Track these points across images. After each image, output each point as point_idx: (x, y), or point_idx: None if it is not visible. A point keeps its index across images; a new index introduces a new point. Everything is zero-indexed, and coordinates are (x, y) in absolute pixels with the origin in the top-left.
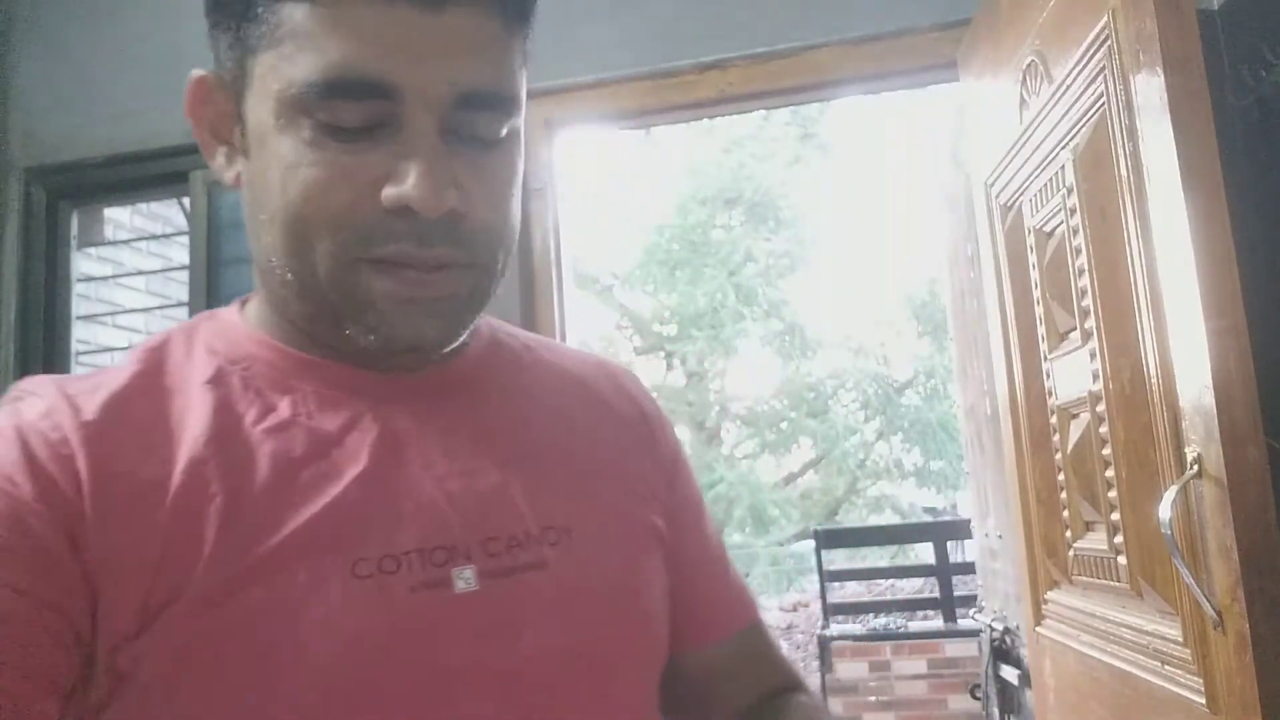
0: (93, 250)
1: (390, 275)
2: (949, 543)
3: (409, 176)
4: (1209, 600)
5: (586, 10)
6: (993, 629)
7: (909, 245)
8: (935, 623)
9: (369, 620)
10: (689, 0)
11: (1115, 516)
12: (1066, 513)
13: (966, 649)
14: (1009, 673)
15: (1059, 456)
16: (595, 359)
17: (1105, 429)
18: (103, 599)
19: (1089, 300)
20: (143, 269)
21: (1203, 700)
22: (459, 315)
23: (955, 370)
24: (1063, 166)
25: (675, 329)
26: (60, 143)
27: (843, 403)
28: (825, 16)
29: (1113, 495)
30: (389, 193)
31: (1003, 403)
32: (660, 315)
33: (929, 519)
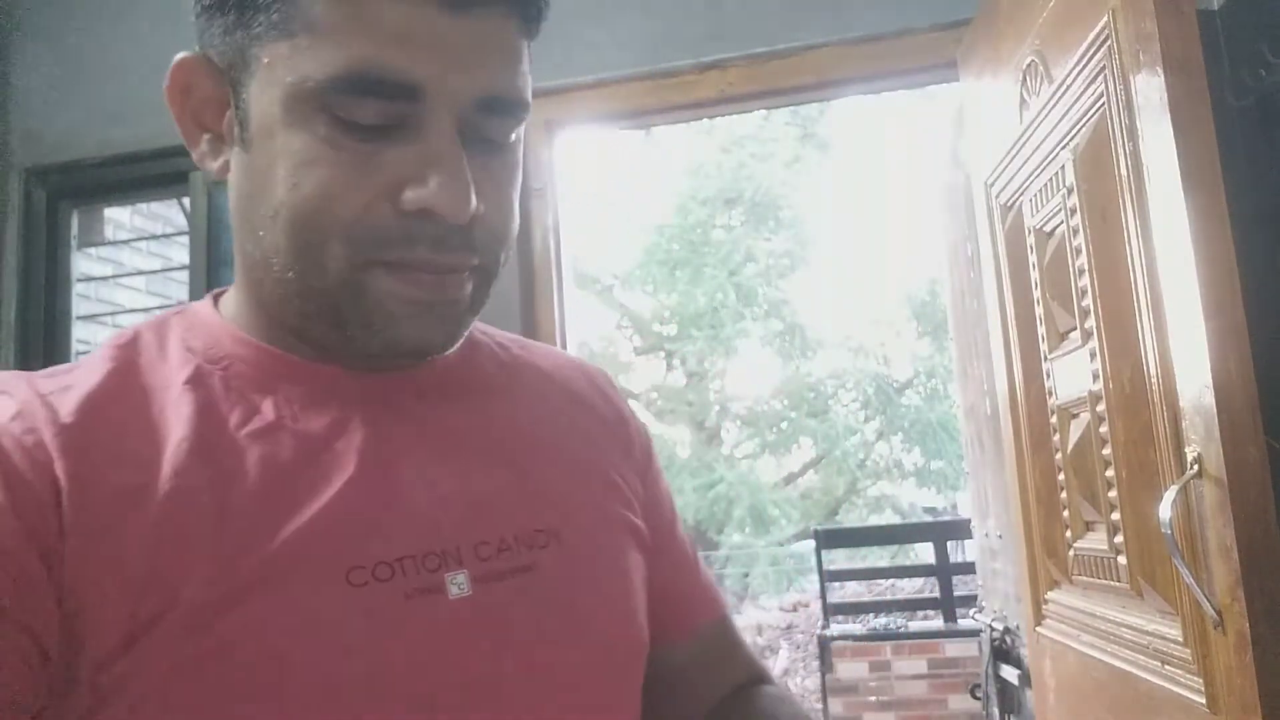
0: (93, 250)
1: (404, 278)
2: (949, 543)
3: (431, 180)
4: (1209, 600)
5: (586, 10)
6: (993, 629)
7: (909, 245)
8: (935, 623)
9: (366, 629)
10: (689, 0)
11: (1115, 516)
12: (1066, 513)
13: (966, 649)
14: (1009, 673)
15: (1059, 456)
16: (569, 358)
17: (1105, 429)
18: (83, 615)
19: (1089, 300)
20: (143, 269)
21: (1203, 700)
22: (462, 318)
23: (955, 370)
24: (1063, 166)
25: (675, 329)
26: (60, 143)
27: (843, 403)
28: (825, 16)
29: (1113, 495)
30: (411, 196)
31: (1003, 403)
32: (660, 315)
33: (929, 519)
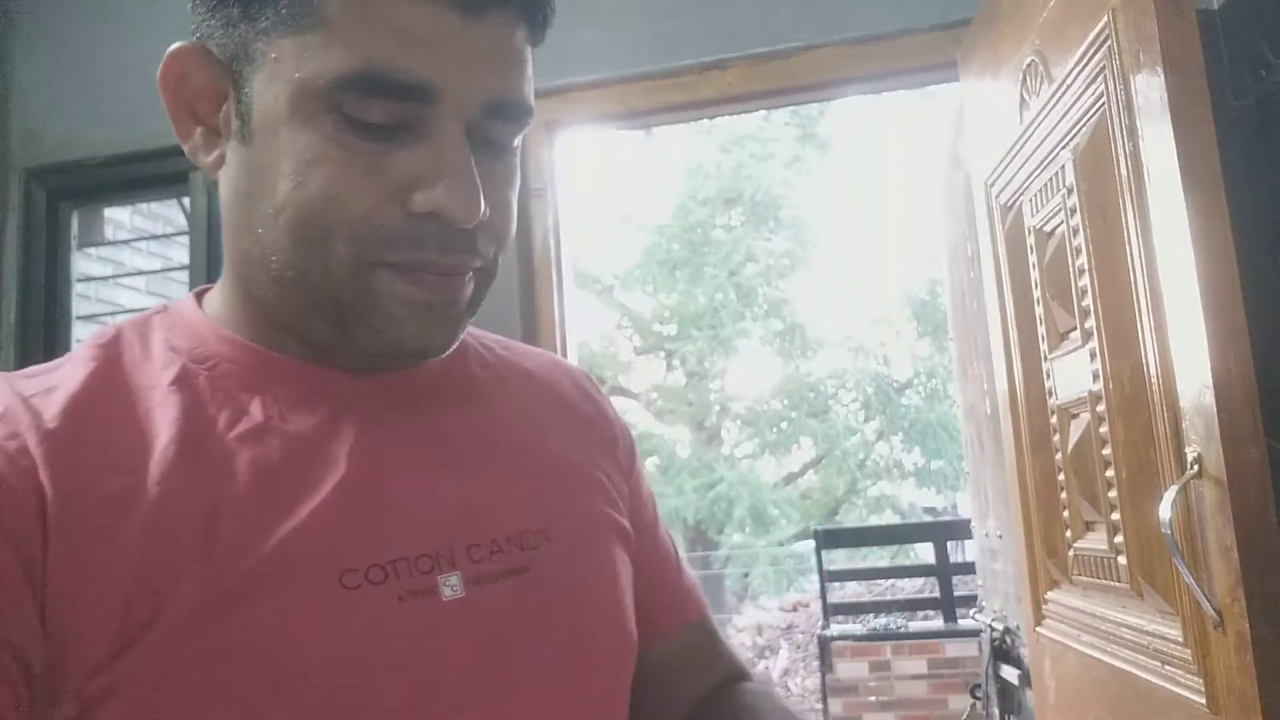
0: (93, 250)
1: (410, 279)
2: (949, 543)
3: (441, 183)
4: (1209, 600)
5: (586, 10)
6: (993, 629)
7: (909, 245)
8: (935, 623)
9: (361, 633)
10: (689, 0)
11: (1115, 516)
12: (1066, 513)
13: (966, 649)
14: (1009, 673)
15: (1059, 456)
16: (551, 358)
17: (1105, 429)
18: (70, 623)
19: (1089, 300)
20: (143, 269)
21: (1203, 700)
22: (461, 320)
23: (955, 370)
24: (1063, 166)
25: (675, 329)
26: (60, 143)
27: (843, 403)
28: (825, 17)
29: (1113, 495)
30: (421, 198)
31: (1003, 403)
32: (660, 315)
33: (929, 519)
